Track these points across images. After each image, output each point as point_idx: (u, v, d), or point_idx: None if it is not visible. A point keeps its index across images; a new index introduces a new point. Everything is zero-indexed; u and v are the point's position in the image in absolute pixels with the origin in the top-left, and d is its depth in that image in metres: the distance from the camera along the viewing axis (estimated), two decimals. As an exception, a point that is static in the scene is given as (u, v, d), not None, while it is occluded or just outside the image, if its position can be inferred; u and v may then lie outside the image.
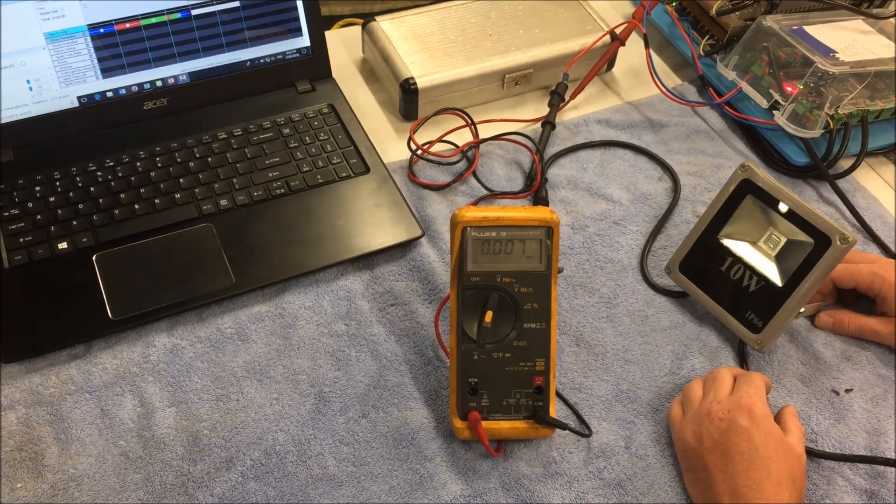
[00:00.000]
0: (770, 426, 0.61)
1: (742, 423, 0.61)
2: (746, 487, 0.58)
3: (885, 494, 0.64)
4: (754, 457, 0.59)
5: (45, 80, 0.79)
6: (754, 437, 0.60)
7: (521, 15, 0.97)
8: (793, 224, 0.68)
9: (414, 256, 0.78)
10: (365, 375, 0.69)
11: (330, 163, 0.83)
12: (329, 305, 0.74)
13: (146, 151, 0.82)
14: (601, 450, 0.66)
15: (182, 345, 0.70)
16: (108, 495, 0.61)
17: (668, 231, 0.82)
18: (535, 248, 0.63)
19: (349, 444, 0.65)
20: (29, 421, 0.65)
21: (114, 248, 0.74)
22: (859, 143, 0.87)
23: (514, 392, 0.64)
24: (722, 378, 0.65)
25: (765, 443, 0.60)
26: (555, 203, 0.84)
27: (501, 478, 0.64)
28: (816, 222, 0.67)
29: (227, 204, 0.78)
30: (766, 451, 0.59)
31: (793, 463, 0.60)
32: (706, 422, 0.62)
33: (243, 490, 0.62)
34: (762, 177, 0.70)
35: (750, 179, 0.71)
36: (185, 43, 0.83)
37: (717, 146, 0.91)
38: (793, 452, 0.61)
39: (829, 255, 0.66)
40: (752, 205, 0.71)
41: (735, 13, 0.94)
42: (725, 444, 0.61)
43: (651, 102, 0.96)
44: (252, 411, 0.66)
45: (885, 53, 0.88)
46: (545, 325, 0.64)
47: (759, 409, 0.62)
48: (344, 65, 0.98)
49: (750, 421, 0.61)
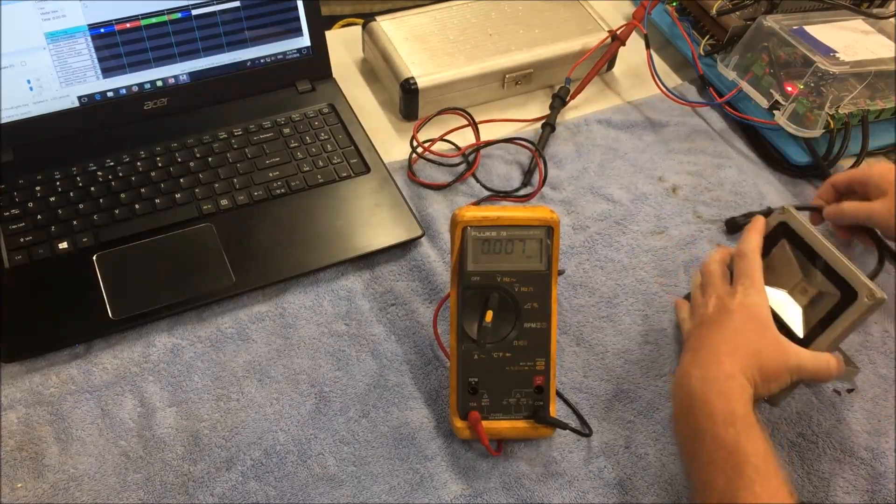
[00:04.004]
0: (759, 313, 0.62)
1: (730, 307, 0.62)
2: (706, 346, 0.61)
3: (886, 494, 0.64)
4: (724, 325, 0.61)
5: (46, 79, 0.79)
6: (736, 314, 0.62)
7: (521, 15, 0.97)
8: (824, 275, 0.65)
9: (414, 256, 0.78)
10: (365, 375, 0.69)
11: (330, 162, 0.83)
12: (329, 305, 0.74)
13: (146, 151, 0.82)
14: (601, 449, 0.66)
15: (182, 345, 0.70)
16: (108, 495, 0.61)
17: (669, 232, 0.82)
18: (535, 247, 0.63)
19: (349, 444, 0.65)
20: (29, 421, 0.65)
21: (114, 248, 0.74)
22: (859, 142, 0.87)
23: (514, 392, 0.64)
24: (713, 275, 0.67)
25: (742, 319, 0.61)
26: (555, 203, 0.84)
27: (502, 477, 0.64)
28: (846, 275, 0.63)
29: (227, 204, 0.78)
30: (740, 321, 0.61)
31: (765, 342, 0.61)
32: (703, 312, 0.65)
33: (243, 490, 0.62)
34: (799, 222, 0.67)
35: (787, 223, 0.68)
36: (186, 43, 0.83)
37: (717, 146, 0.91)
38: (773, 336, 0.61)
39: (853, 311, 0.62)
40: (787, 250, 0.68)
41: (735, 13, 0.94)
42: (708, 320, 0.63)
43: (651, 102, 0.96)
44: (252, 411, 0.66)
45: (885, 53, 0.88)
46: (545, 324, 0.64)
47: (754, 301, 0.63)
48: (344, 65, 0.98)
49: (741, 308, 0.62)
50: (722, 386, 0.57)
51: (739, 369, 0.58)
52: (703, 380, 0.58)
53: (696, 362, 0.60)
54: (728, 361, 0.58)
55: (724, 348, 0.60)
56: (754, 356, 0.59)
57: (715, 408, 0.56)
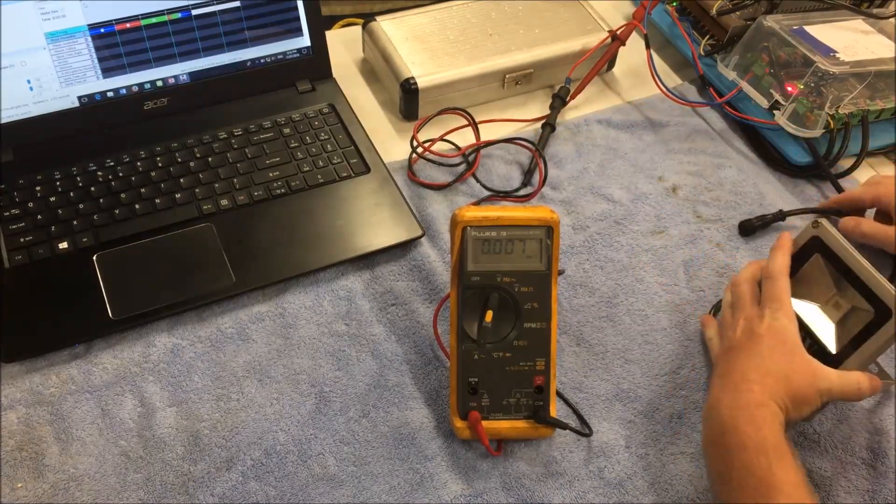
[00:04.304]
0: (788, 338, 0.61)
1: (758, 331, 0.62)
2: (736, 372, 0.60)
3: (886, 494, 0.64)
4: (753, 350, 0.60)
5: (46, 79, 0.79)
6: (765, 339, 0.61)
7: (521, 15, 0.97)
8: (857, 290, 0.64)
9: (414, 256, 0.78)
10: (365, 375, 0.69)
11: (330, 162, 0.83)
12: (329, 305, 0.74)
13: (146, 151, 0.82)
14: (601, 449, 0.66)
15: (182, 345, 0.70)
16: (108, 495, 0.61)
17: (669, 231, 0.82)
18: (535, 247, 0.63)
19: (349, 444, 0.65)
20: (29, 421, 0.65)
21: (114, 248, 0.74)
22: (860, 142, 0.87)
23: (514, 392, 0.64)
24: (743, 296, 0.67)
25: (771, 344, 0.60)
26: (555, 203, 0.84)
27: (502, 477, 0.64)
28: (881, 293, 0.62)
29: (227, 204, 0.78)
30: (768, 346, 0.60)
31: (795, 366, 0.60)
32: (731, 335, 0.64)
33: (244, 490, 0.62)
34: (833, 237, 0.66)
35: (820, 238, 0.67)
36: (186, 43, 0.83)
37: (717, 146, 0.91)
38: (802, 359, 0.60)
39: (887, 329, 0.61)
40: (820, 264, 0.67)
41: (735, 13, 0.94)
42: (736, 345, 0.62)
43: (651, 102, 0.96)
44: (252, 411, 0.66)
45: (885, 53, 0.88)
46: (545, 324, 0.64)
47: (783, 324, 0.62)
48: (344, 65, 0.98)
49: (769, 333, 0.61)
50: (753, 414, 0.57)
51: (770, 396, 0.58)
52: (734, 408, 0.58)
53: (726, 389, 0.59)
54: (758, 389, 0.58)
55: (754, 375, 0.59)
56: (784, 381, 0.59)
57: (746, 436, 0.56)
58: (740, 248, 0.81)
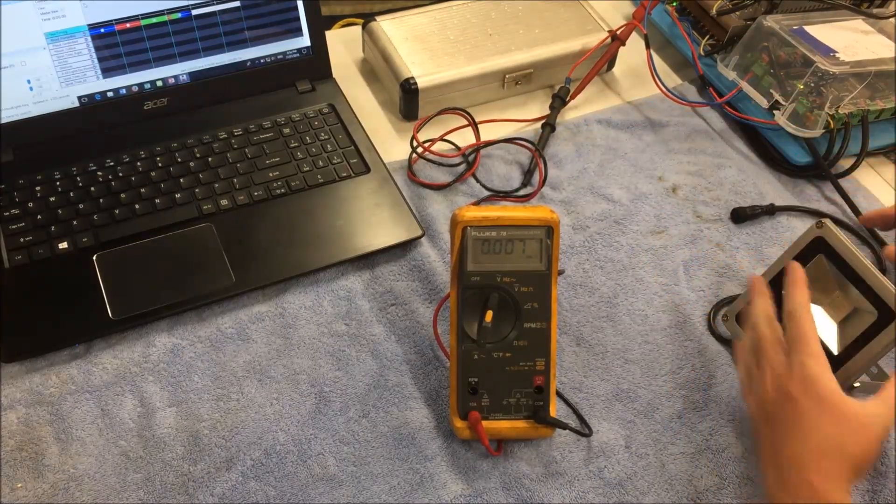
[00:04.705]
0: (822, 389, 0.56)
1: (792, 392, 0.56)
2: (786, 459, 0.54)
3: (886, 494, 0.64)
4: (797, 424, 0.55)
5: (46, 79, 0.79)
6: (802, 402, 0.55)
7: (521, 15, 0.97)
8: (860, 292, 0.63)
9: (414, 256, 0.78)
10: (365, 375, 0.69)
11: (330, 162, 0.83)
12: (329, 305, 0.74)
13: (146, 151, 0.82)
14: (601, 449, 0.66)
15: (182, 345, 0.70)
16: (108, 495, 0.61)
17: (668, 231, 0.82)
18: (535, 247, 0.63)
19: (349, 444, 0.65)
20: (29, 421, 0.65)
21: (114, 248, 0.74)
22: (859, 142, 0.87)
23: (514, 392, 0.64)
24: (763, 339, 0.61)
25: (810, 407, 0.55)
26: (555, 203, 0.84)
27: (502, 477, 0.64)
28: (885, 295, 0.61)
29: (227, 204, 0.78)
30: (810, 417, 0.54)
31: (843, 428, 0.54)
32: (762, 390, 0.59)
33: (243, 490, 0.62)
34: (838, 238, 0.65)
35: (824, 238, 0.66)
36: (186, 43, 0.83)
37: (717, 146, 0.91)
38: (847, 415, 0.54)
39: (889, 331, 0.61)
40: (823, 265, 0.66)
41: (735, 13, 0.94)
42: (773, 411, 0.57)
43: (651, 102, 0.96)
44: (252, 411, 0.66)
45: (885, 53, 0.88)
46: (545, 324, 0.64)
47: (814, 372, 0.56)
48: (344, 65, 0.98)
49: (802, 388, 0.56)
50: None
51: (832, 482, 0.53)
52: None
53: (783, 486, 0.54)
54: (818, 479, 0.52)
55: (810, 463, 0.53)
56: (840, 455, 0.53)
57: None
58: (740, 249, 0.81)
